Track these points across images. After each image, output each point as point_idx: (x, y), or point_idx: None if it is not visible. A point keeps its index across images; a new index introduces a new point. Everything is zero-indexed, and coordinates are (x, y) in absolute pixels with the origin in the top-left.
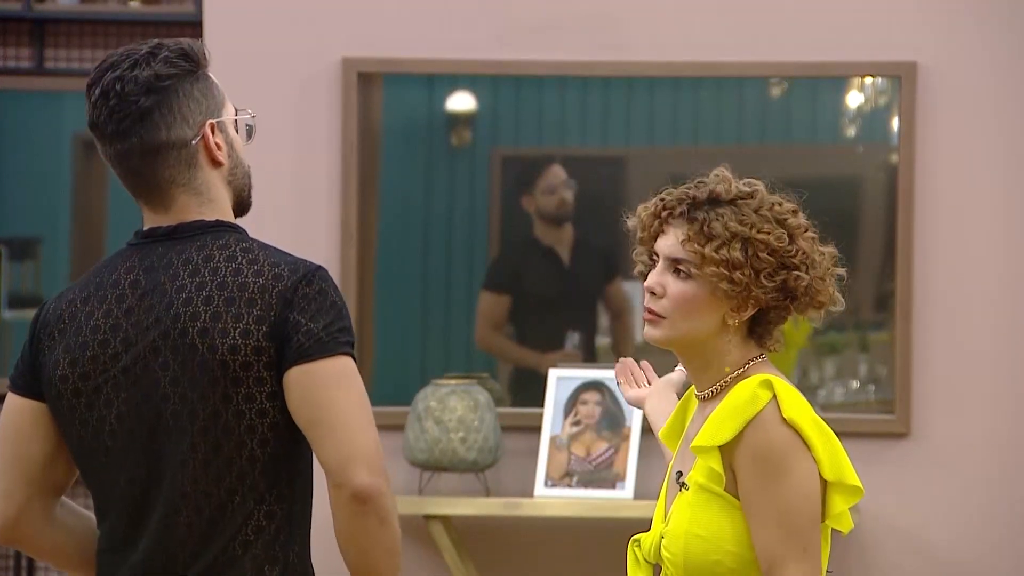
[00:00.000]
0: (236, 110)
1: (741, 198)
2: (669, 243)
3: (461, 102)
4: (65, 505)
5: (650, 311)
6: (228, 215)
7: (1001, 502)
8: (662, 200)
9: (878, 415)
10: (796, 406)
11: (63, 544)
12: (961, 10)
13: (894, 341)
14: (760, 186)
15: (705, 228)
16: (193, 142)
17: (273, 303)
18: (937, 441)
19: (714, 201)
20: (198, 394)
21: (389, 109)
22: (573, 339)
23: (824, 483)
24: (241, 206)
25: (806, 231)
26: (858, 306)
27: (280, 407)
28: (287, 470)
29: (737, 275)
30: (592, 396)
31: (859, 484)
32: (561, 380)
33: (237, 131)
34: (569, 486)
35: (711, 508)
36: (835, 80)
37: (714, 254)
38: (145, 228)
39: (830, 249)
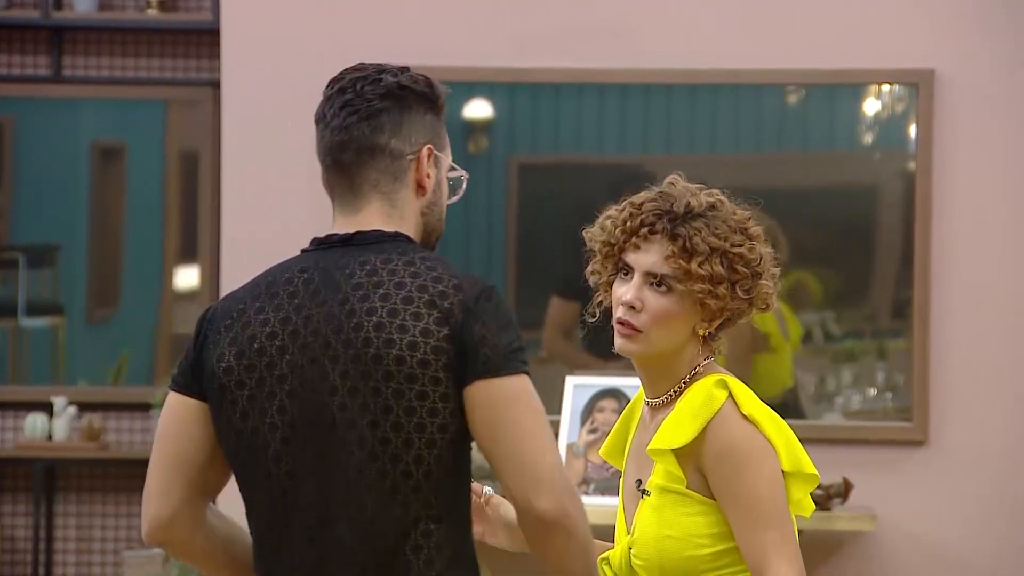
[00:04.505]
0: (453, 164)
1: (710, 209)
2: (651, 259)
3: (478, 110)
4: (212, 510)
5: (628, 324)
6: (411, 235)
7: (1019, 510)
8: (635, 215)
9: (895, 423)
10: (752, 402)
11: (212, 548)
12: (978, 18)
13: (912, 349)
14: (719, 195)
15: (687, 244)
16: (408, 157)
17: (455, 310)
18: (954, 449)
19: (689, 215)
20: (371, 388)
21: None
22: None
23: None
24: (425, 247)
25: (761, 237)
26: (875, 314)
27: (451, 410)
28: (452, 480)
29: (720, 289)
30: (609, 403)
31: (815, 472)
32: (578, 388)
33: (449, 181)
34: (586, 494)
35: (677, 507)
36: (853, 87)
37: (699, 269)
38: (323, 236)
39: (768, 249)
